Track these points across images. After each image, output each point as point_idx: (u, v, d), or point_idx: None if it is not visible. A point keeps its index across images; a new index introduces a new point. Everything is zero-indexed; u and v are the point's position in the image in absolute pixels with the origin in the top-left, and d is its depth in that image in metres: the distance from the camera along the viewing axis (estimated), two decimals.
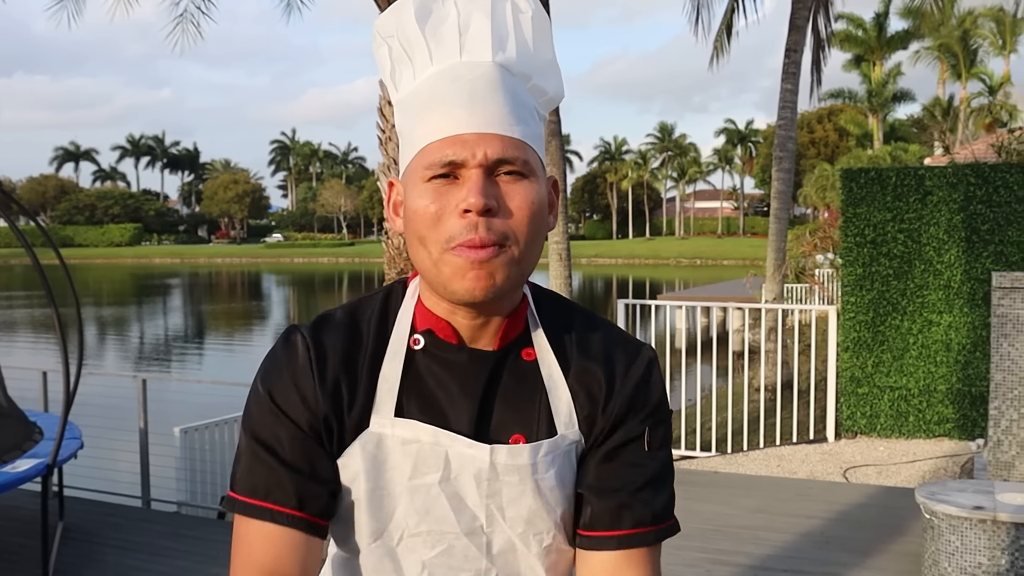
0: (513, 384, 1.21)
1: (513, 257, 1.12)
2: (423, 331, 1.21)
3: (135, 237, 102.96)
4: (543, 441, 1.19)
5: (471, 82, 1.13)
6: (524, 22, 1.20)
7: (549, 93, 1.24)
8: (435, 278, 1.14)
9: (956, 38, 42.46)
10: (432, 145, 1.12)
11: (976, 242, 7.64)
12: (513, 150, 1.12)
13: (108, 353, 23.96)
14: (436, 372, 1.20)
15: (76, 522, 6.39)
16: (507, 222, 1.11)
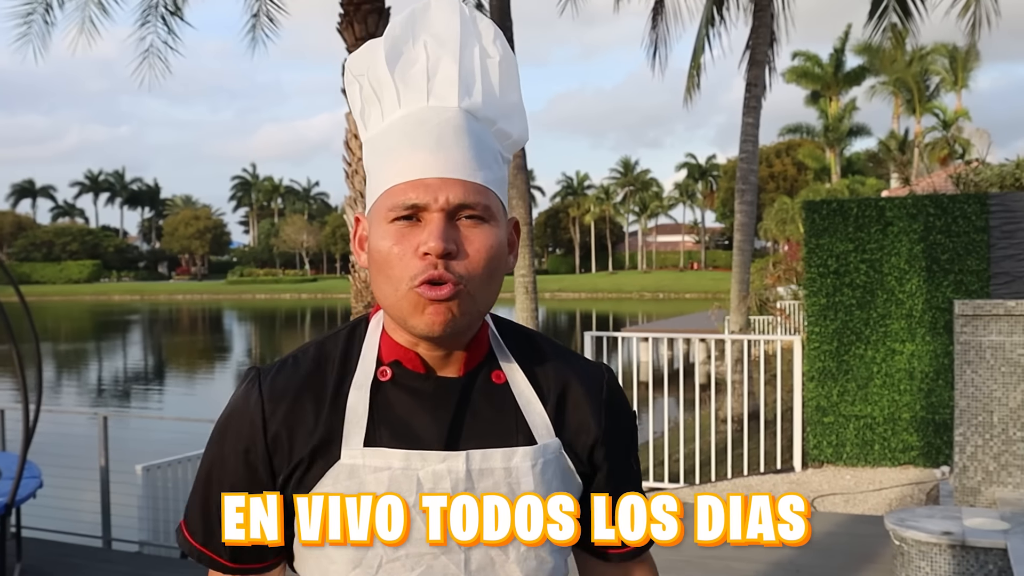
0: (486, 406, 1.24)
1: (470, 296, 1.16)
2: (390, 362, 1.24)
3: (94, 274, 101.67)
4: (517, 448, 1.22)
5: (437, 126, 1.18)
6: (491, 67, 1.25)
7: (513, 136, 1.28)
8: (397, 313, 1.19)
9: (911, 74, 43.33)
10: (397, 187, 1.17)
11: (936, 271, 7.75)
12: (475, 195, 1.16)
13: (68, 391, 23.56)
14: (405, 400, 1.23)
15: (35, 563, 6.24)
16: (465, 264, 1.16)
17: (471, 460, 1.20)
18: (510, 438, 1.23)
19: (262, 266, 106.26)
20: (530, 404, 1.25)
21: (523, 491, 1.20)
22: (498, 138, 1.25)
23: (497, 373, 1.26)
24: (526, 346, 1.31)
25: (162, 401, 22.09)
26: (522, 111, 1.29)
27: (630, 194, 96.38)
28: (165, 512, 7.26)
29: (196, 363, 32.42)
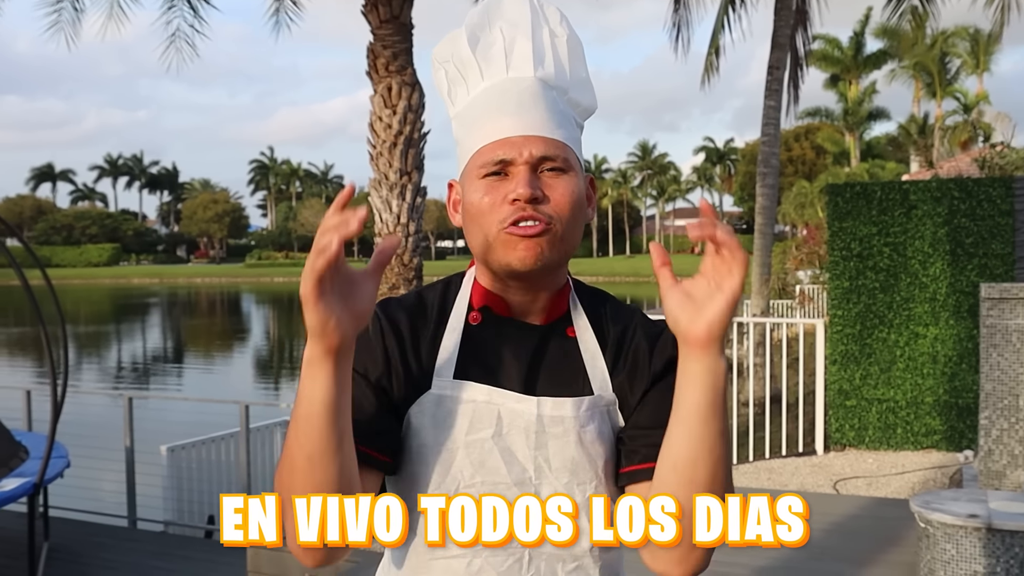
0: (558, 355, 1.37)
1: (558, 236, 1.30)
2: (481, 307, 1.38)
3: (113, 257, 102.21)
4: (584, 397, 1.34)
5: (517, 94, 1.34)
6: (560, 45, 1.41)
7: (583, 105, 1.43)
8: (490, 254, 1.31)
9: (931, 57, 42.92)
10: (485, 147, 1.32)
11: (961, 255, 7.70)
12: (554, 149, 1.31)
13: (91, 373, 23.74)
14: (492, 342, 1.36)
15: (62, 542, 6.31)
16: (551, 207, 1.29)
17: (543, 406, 1.32)
18: (575, 388, 1.34)
19: (280, 249, 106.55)
20: (594, 359, 1.36)
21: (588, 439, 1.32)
22: (570, 105, 1.39)
23: (570, 328, 1.38)
24: (597, 304, 1.43)
25: (183, 382, 22.24)
26: (590, 84, 1.44)
27: (648, 178, 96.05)
28: (189, 492, 7.31)
29: (216, 345, 32.61)
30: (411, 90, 5.83)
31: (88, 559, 6.09)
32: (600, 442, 1.33)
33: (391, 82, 5.79)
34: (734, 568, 4.88)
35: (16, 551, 5.56)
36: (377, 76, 5.83)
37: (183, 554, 6.37)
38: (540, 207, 1.28)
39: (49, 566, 5.82)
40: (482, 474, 1.31)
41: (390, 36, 5.81)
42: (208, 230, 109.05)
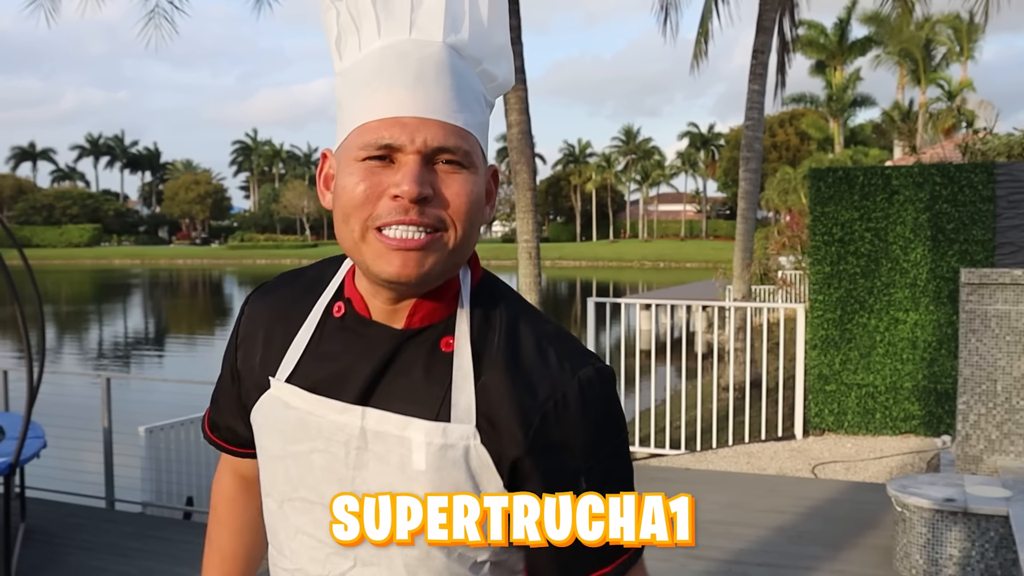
0: (418, 369, 1.14)
1: (446, 245, 1.08)
2: (345, 299, 1.20)
3: (94, 238, 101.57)
4: (417, 419, 1.11)
5: (418, 61, 1.08)
6: (481, 3, 1.15)
7: (499, 79, 1.19)
8: (358, 258, 1.11)
9: (916, 44, 43.02)
10: (370, 124, 1.08)
11: (942, 241, 7.73)
12: (455, 138, 1.07)
13: (69, 354, 23.62)
14: (344, 341, 1.17)
15: (39, 523, 6.27)
16: (441, 212, 1.07)
17: (367, 418, 1.12)
18: (429, 410, 1.11)
19: (262, 231, 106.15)
20: (463, 381, 1.12)
21: (415, 468, 1.09)
22: (483, 79, 1.16)
23: (447, 340, 1.14)
24: (496, 315, 1.16)
25: (163, 364, 22.15)
26: (509, 53, 1.20)
27: (632, 163, 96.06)
28: (168, 473, 7.29)
29: (197, 327, 32.47)
30: None
31: (65, 540, 6.06)
32: (433, 479, 1.09)
33: None
34: (712, 551, 4.90)
35: None
36: None
37: (161, 535, 6.34)
38: (428, 209, 1.06)
39: (25, 547, 5.78)
40: (302, 489, 1.17)
41: None
42: (190, 211, 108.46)
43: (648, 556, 1.19)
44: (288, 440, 1.17)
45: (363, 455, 1.12)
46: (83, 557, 5.75)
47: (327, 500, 1.13)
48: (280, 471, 1.19)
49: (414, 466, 1.09)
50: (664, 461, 7.31)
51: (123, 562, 5.72)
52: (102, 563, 5.69)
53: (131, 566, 5.66)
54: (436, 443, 1.09)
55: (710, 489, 6.24)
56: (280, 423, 1.18)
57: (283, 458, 1.18)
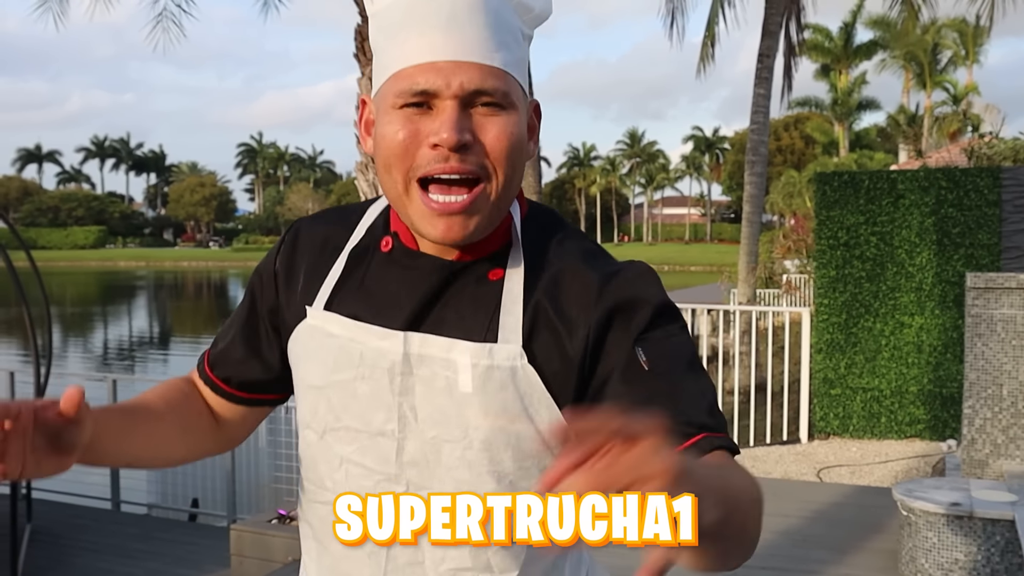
0: (467, 298, 1.13)
1: (488, 196, 1.07)
2: (392, 232, 1.19)
3: (100, 240, 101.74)
4: (462, 340, 1.10)
5: (452, 2, 1.05)
6: None
7: (535, 10, 1.15)
8: (402, 211, 1.11)
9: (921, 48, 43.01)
10: (405, 71, 1.06)
11: (947, 245, 7.72)
12: (492, 80, 1.05)
13: (75, 355, 23.67)
14: (392, 274, 1.17)
15: (45, 524, 6.29)
16: (482, 157, 1.06)
17: (409, 343, 1.11)
18: (476, 335, 1.10)
19: (267, 234, 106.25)
20: (513, 305, 1.11)
21: (462, 390, 1.09)
22: (518, 12, 1.12)
23: (496, 271, 1.14)
24: (547, 243, 1.17)
25: (168, 366, 22.18)
26: None
27: (636, 166, 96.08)
28: (173, 475, 7.31)
29: (201, 328, 32.52)
30: None
31: (71, 541, 6.08)
32: (481, 400, 1.08)
33: None
34: None
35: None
36: (364, 59, 5.78)
37: (166, 537, 6.36)
38: (468, 156, 1.05)
39: (32, 547, 5.80)
40: (346, 418, 1.15)
41: None
42: (195, 213, 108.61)
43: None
44: (330, 369, 1.15)
45: (408, 380, 1.11)
46: (89, 558, 5.77)
47: (373, 428, 1.13)
48: (322, 401, 1.16)
49: (460, 388, 1.09)
50: None
51: (128, 563, 5.74)
52: (108, 564, 5.71)
53: (136, 567, 5.67)
54: (482, 364, 1.08)
55: None
56: (321, 352, 1.16)
57: (324, 388, 1.16)
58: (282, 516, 5.63)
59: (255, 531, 5.37)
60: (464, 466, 1.10)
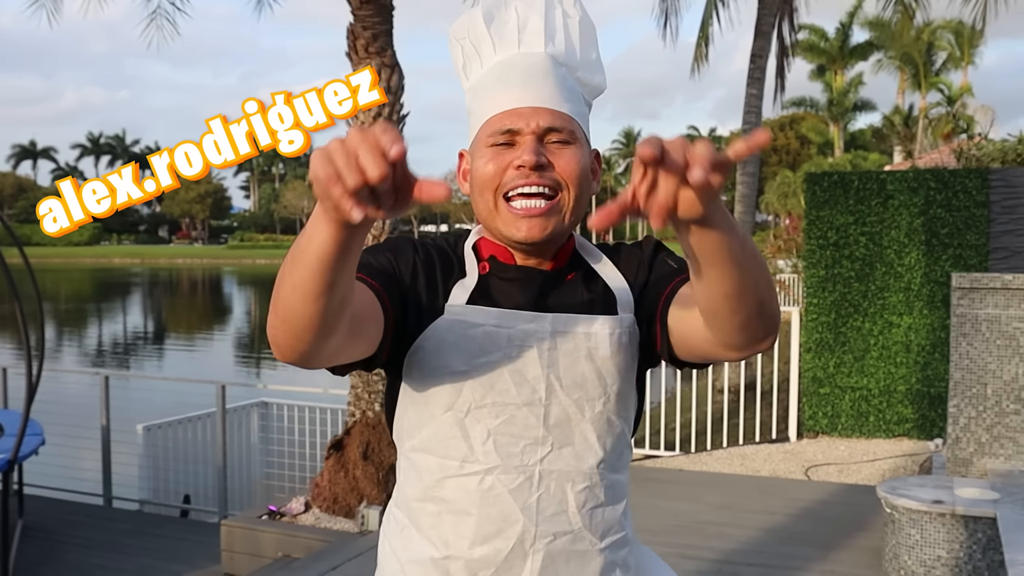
0: (568, 288, 1.43)
1: (562, 206, 1.36)
2: (488, 258, 1.44)
3: (94, 237, 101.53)
4: (596, 315, 1.40)
5: (528, 67, 1.41)
6: (571, 25, 1.48)
7: (593, 84, 1.50)
8: (491, 224, 1.39)
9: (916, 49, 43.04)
10: (494, 117, 1.38)
11: (936, 245, 7.77)
12: (561, 121, 1.37)
13: (69, 352, 23.64)
14: (499, 284, 1.42)
15: (37, 520, 6.32)
16: (556, 176, 1.35)
17: (556, 322, 1.37)
18: (591, 310, 1.41)
19: (262, 231, 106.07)
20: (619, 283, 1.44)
21: (602, 355, 1.38)
22: (580, 83, 1.46)
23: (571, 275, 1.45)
24: (606, 250, 1.51)
25: (162, 363, 22.17)
26: (600, 65, 1.52)
27: (632, 165, 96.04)
28: (165, 471, 7.34)
29: (196, 326, 32.49)
30: (391, 72, 5.82)
31: (63, 537, 6.11)
32: (615, 361, 1.39)
33: (370, 63, 5.77)
34: (703, 551, 4.94)
35: None
36: (357, 57, 5.82)
37: (158, 532, 6.39)
38: (545, 174, 1.34)
39: (23, 543, 5.83)
40: (492, 395, 1.36)
41: (370, 17, 5.79)
42: (190, 211, 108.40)
43: None
44: (475, 355, 1.36)
45: (554, 354, 1.37)
46: (81, 554, 5.81)
47: (521, 399, 1.37)
48: (466, 384, 1.36)
49: (601, 354, 1.38)
50: (659, 463, 7.35)
51: (120, 559, 5.78)
52: (100, 560, 5.74)
53: (128, 562, 5.71)
54: (616, 332, 1.40)
55: (703, 490, 6.28)
56: (464, 340, 1.36)
57: (468, 372, 1.36)
58: (272, 512, 5.66)
59: (245, 527, 5.41)
60: (602, 419, 1.40)
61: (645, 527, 5.23)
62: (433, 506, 1.41)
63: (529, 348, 1.37)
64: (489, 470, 1.37)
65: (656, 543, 4.89)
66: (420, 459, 1.43)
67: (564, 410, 1.38)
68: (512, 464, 1.37)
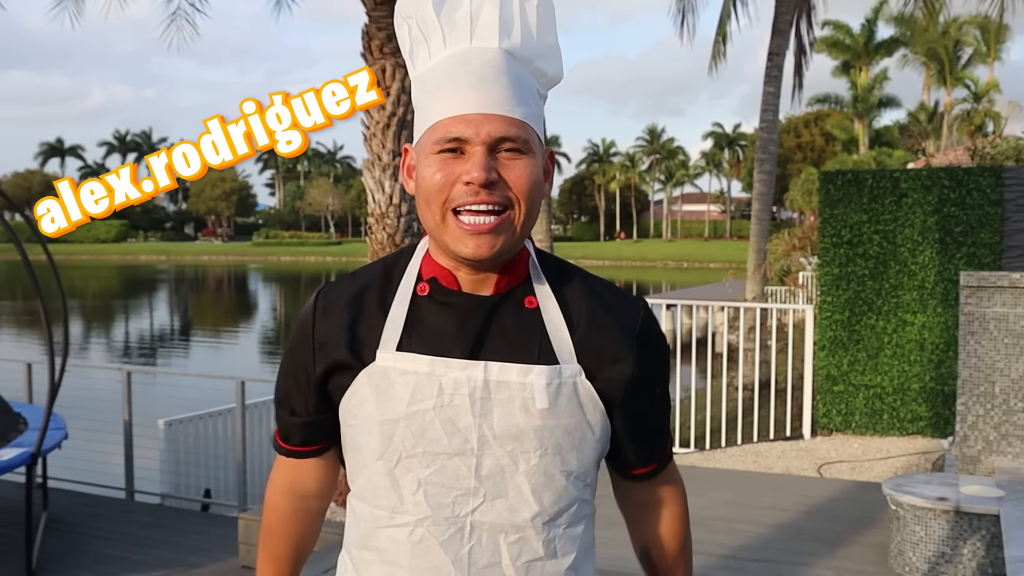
0: (512, 325, 1.34)
1: (512, 222, 1.29)
2: (428, 279, 1.37)
3: (121, 234, 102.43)
4: (533, 365, 1.31)
5: (479, 66, 1.29)
6: (529, 10, 1.35)
7: (549, 74, 1.39)
8: (439, 238, 1.32)
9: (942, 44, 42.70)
10: (442, 122, 1.28)
11: (949, 244, 7.78)
12: (514, 129, 1.28)
13: (95, 348, 23.94)
14: (438, 314, 1.35)
15: (60, 513, 6.45)
16: (506, 192, 1.28)
17: (489, 371, 1.30)
18: (530, 358, 1.32)
19: (287, 228, 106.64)
20: (558, 330, 1.34)
21: (538, 407, 1.30)
22: (535, 76, 1.36)
23: (530, 299, 1.36)
24: (563, 276, 1.39)
25: (186, 359, 22.40)
26: (558, 51, 1.39)
27: (656, 162, 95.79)
28: (186, 466, 7.46)
29: (220, 323, 32.77)
30: (404, 72, 5.90)
31: (85, 529, 6.23)
32: (553, 412, 1.31)
33: (385, 64, 5.85)
34: (711, 546, 5.00)
35: (15, 520, 5.69)
36: (371, 58, 5.90)
37: (178, 526, 6.50)
38: (495, 191, 1.26)
39: (47, 535, 5.96)
40: (423, 444, 1.30)
41: (385, 18, 5.86)
42: (216, 208, 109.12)
43: None
44: (407, 402, 1.30)
45: (487, 404, 1.30)
46: (102, 546, 5.92)
47: (452, 449, 1.30)
48: (396, 433, 1.31)
49: (538, 405, 1.30)
50: None
51: (141, 551, 5.89)
52: (120, 552, 5.86)
53: (148, 555, 5.82)
54: (555, 383, 1.31)
55: (715, 486, 6.33)
56: (395, 388, 1.31)
57: (399, 420, 1.31)
58: None
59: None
60: (539, 471, 1.32)
61: None
62: (369, 554, 1.37)
63: (461, 396, 1.30)
64: (419, 521, 1.32)
65: None
66: (357, 506, 1.40)
67: (497, 461, 1.31)
68: (443, 515, 1.31)
